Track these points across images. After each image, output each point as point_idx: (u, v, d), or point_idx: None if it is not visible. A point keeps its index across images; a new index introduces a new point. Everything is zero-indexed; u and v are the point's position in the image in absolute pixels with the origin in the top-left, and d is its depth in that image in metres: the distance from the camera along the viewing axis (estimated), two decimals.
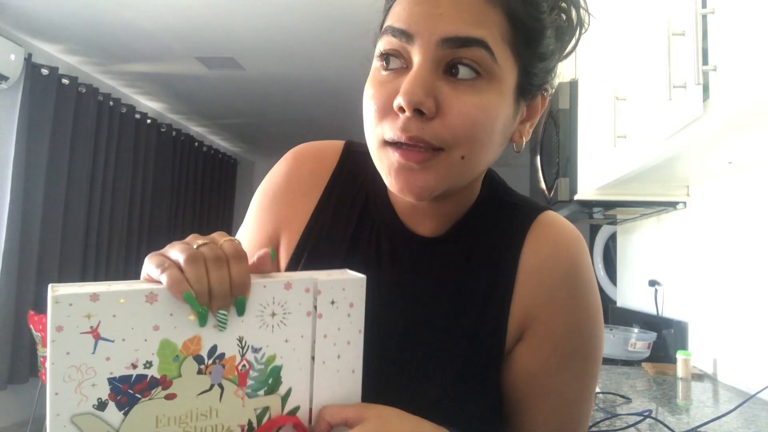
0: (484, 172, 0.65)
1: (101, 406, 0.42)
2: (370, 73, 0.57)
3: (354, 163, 0.70)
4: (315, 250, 0.67)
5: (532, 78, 0.57)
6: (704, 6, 1.03)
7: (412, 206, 0.63)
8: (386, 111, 0.53)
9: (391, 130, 0.53)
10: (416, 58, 0.52)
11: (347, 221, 0.67)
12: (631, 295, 2.52)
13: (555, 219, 0.65)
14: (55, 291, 0.41)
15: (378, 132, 0.54)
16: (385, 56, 0.54)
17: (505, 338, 0.62)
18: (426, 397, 0.61)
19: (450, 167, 0.54)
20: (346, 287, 0.50)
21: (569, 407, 0.63)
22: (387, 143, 0.54)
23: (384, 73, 0.55)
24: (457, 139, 0.52)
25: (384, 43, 0.54)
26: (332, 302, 0.49)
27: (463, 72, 0.52)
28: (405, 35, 0.52)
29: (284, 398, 0.48)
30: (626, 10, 1.55)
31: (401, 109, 0.51)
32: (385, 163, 0.55)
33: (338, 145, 0.72)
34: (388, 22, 0.55)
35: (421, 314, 0.64)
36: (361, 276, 0.51)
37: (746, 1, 0.90)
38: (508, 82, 0.54)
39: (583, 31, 0.61)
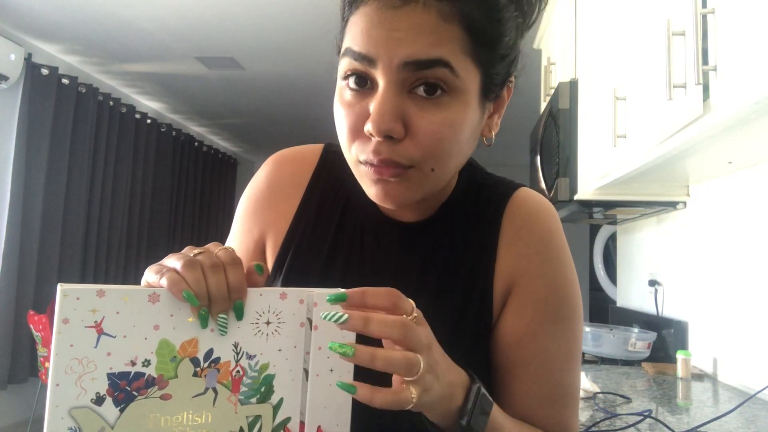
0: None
1: (99, 400, 0.43)
2: (337, 89, 0.58)
3: (334, 162, 0.72)
4: (299, 247, 0.69)
5: (494, 78, 0.58)
6: (704, 6, 1.03)
7: None
8: (357, 132, 0.55)
9: (364, 153, 0.55)
10: (381, 81, 0.53)
11: (330, 217, 0.70)
12: (631, 295, 2.52)
13: (529, 193, 0.69)
14: (64, 286, 0.43)
15: (352, 152, 0.57)
16: (350, 77, 0.55)
17: (492, 309, 0.65)
18: None
19: (422, 180, 0.56)
20: None
21: (555, 374, 0.65)
22: (361, 162, 0.56)
23: (350, 92, 0.56)
24: (425, 157, 0.55)
25: (347, 64, 0.55)
26: None
27: (428, 91, 0.53)
28: (366, 59, 0.53)
29: (276, 408, 0.49)
30: (626, 10, 1.55)
31: (372, 135, 0.53)
32: (365, 180, 0.58)
33: (317, 147, 0.74)
34: (348, 43, 0.55)
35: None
36: None
37: (746, 1, 0.90)
38: (472, 91, 0.55)
39: (543, 5, 0.61)
